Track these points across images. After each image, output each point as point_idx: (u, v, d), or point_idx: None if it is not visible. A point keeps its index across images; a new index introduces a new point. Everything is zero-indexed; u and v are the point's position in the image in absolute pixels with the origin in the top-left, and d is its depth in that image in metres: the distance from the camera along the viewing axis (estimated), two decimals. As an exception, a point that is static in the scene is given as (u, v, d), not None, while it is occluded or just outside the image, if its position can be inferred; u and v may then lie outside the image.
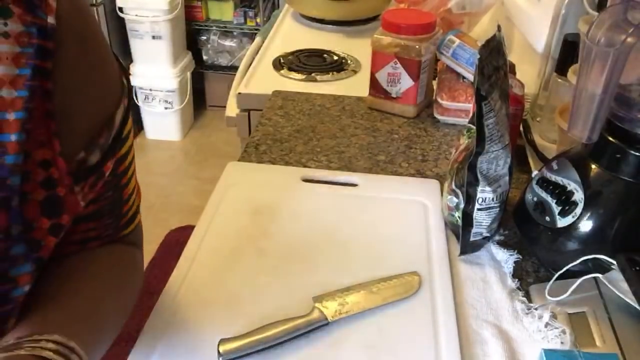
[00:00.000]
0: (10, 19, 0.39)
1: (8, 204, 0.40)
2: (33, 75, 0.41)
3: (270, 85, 1.20)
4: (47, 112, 0.42)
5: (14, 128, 0.40)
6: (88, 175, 0.47)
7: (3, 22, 0.39)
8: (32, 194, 0.42)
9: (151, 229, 2.35)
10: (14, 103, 0.40)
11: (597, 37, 0.58)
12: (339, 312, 0.62)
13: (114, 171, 0.51)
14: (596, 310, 0.61)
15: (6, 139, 0.40)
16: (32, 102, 0.41)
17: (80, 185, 0.46)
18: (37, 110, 0.41)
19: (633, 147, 0.61)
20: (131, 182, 0.56)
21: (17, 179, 0.40)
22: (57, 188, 0.43)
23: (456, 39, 1.03)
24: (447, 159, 0.95)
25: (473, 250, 0.74)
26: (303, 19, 1.64)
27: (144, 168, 2.74)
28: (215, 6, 2.96)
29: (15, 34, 0.40)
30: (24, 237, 0.42)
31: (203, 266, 0.69)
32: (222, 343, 0.58)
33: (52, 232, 0.44)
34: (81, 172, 0.46)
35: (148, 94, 2.83)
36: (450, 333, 0.61)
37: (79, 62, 0.45)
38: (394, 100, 1.07)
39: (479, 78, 0.62)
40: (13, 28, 0.39)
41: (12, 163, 0.40)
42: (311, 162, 0.93)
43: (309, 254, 0.72)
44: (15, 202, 0.40)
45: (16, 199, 0.40)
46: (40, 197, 0.42)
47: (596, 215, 0.64)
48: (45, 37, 0.41)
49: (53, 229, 0.44)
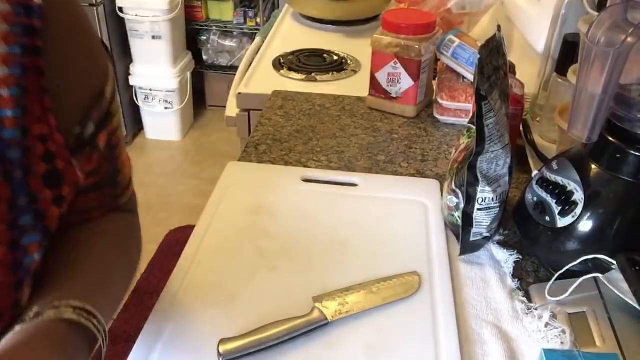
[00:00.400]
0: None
1: (10, 176, 0.42)
2: (24, 53, 0.42)
3: (270, 85, 1.20)
4: (41, 88, 0.44)
5: (9, 104, 0.41)
6: (84, 147, 0.49)
7: None
8: (34, 167, 0.44)
9: (151, 229, 2.35)
10: (8, 80, 0.41)
11: (597, 37, 0.58)
12: (339, 312, 0.62)
13: (108, 143, 0.54)
14: (596, 310, 0.61)
15: (3, 115, 0.41)
16: (25, 79, 0.42)
17: (77, 157, 0.48)
18: (32, 86, 0.43)
19: (633, 147, 0.61)
20: (123, 153, 0.60)
21: (17, 153, 0.42)
22: (55, 161, 0.46)
23: (456, 39, 1.03)
24: (447, 159, 0.95)
25: (473, 250, 0.74)
26: (303, 19, 1.64)
27: (144, 168, 2.74)
28: (215, 6, 2.96)
29: (3, 13, 0.41)
30: (30, 208, 0.44)
31: (203, 266, 0.69)
32: (222, 343, 0.58)
33: (56, 203, 0.46)
34: (77, 145, 0.49)
35: (148, 94, 2.83)
36: (450, 333, 0.61)
37: (67, 39, 0.47)
38: (394, 100, 1.07)
39: (479, 78, 0.62)
40: (2, 8, 0.41)
41: (10, 137, 0.42)
42: (311, 162, 0.93)
43: (309, 254, 0.72)
44: (18, 175, 0.43)
45: (19, 172, 0.43)
46: (41, 170, 0.44)
47: (596, 215, 0.64)
48: (31, 16, 0.42)
49: (56, 200, 0.46)
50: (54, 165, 0.45)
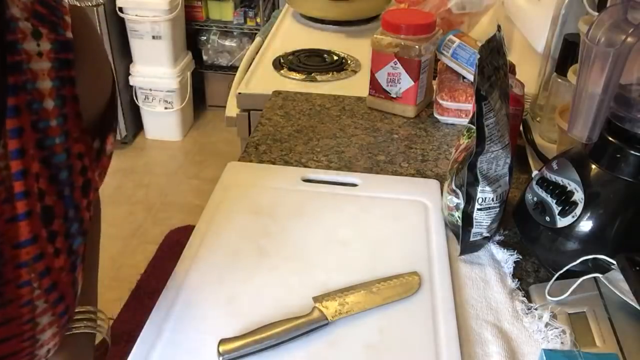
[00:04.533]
0: (41, 39, 0.45)
1: (62, 195, 0.49)
2: (62, 85, 0.47)
3: (270, 85, 1.20)
4: (77, 114, 0.49)
5: (57, 132, 0.47)
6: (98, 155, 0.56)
7: (36, 43, 0.45)
8: (76, 182, 0.50)
9: (151, 229, 2.35)
10: (55, 112, 0.47)
11: (597, 37, 0.58)
12: (339, 312, 0.62)
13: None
14: (596, 310, 0.61)
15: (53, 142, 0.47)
16: (65, 108, 0.48)
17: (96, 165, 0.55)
18: (70, 113, 0.48)
19: (633, 147, 0.61)
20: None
21: (65, 174, 0.49)
22: (87, 173, 0.52)
23: (456, 39, 1.03)
24: (447, 159, 0.95)
25: (473, 250, 0.74)
26: (303, 19, 1.64)
27: (144, 168, 2.74)
28: (215, 6, 2.96)
29: (46, 51, 0.45)
30: (77, 217, 0.51)
31: (203, 266, 0.69)
32: (222, 343, 0.58)
33: (87, 209, 0.53)
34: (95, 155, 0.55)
35: (148, 94, 2.83)
36: (450, 333, 0.61)
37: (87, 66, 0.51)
38: (394, 100, 1.07)
39: (479, 78, 0.62)
40: (44, 47, 0.45)
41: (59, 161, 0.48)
42: (311, 162, 0.93)
43: (309, 254, 0.72)
44: (67, 192, 0.49)
45: (67, 189, 0.49)
46: (80, 183, 0.51)
47: (596, 215, 0.64)
48: (67, 50, 0.47)
49: (88, 206, 0.53)
50: (87, 176, 0.52)
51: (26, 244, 0.46)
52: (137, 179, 2.64)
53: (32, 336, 0.49)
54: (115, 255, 2.20)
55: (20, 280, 0.46)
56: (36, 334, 0.49)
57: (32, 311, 0.48)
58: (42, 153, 0.46)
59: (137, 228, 2.37)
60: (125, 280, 2.07)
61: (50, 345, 0.52)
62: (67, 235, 0.50)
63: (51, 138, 0.47)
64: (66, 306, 0.52)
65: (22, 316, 0.48)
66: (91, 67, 0.53)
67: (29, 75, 0.44)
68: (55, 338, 0.52)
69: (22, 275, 0.46)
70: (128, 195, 2.54)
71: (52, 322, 0.50)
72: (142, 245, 2.27)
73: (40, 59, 0.45)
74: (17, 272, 0.46)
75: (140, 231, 2.35)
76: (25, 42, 0.44)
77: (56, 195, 0.48)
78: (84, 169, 0.51)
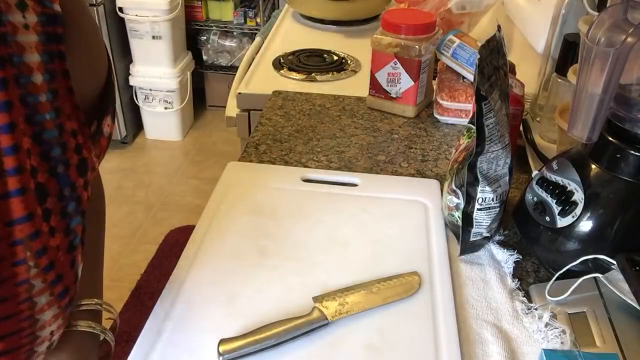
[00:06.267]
0: (26, 11, 0.44)
1: (55, 172, 0.48)
2: (51, 59, 0.46)
3: (270, 85, 1.20)
4: (69, 89, 0.48)
5: (47, 107, 0.46)
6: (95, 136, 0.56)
7: (22, 15, 0.43)
8: (71, 159, 0.49)
9: (151, 229, 2.36)
10: (44, 86, 0.46)
11: (597, 37, 0.58)
12: (339, 312, 0.62)
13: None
14: (596, 310, 0.61)
15: (43, 118, 0.46)
16: (55, 82, 0.47)
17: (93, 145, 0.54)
18: (61, 88, 0.47)
19: (633, 147, 0.61)
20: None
21: (57, 150, 0.48)
22: (83, 151, 0.51)
23: (456, 39, 1.03)
24: (447, 159, 0.95)
25: (473, 250, 0.74)
26: (303, 19, 1.64)
27: (144, 168, 2.74)
28: (215, 6, 2.96)
29: (33, 24, 0.44)
30: (73, 196, 0.50)
31: (203, 266, 0.69)
32: (222, 343, 0.58)
33: (85, 188, 0.52)
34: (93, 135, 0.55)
35: (148, 94, 2.83)
36: (450, 333, 0.61)
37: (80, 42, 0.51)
38: (394, 100, 1.07)
39: (479, 78, 0.62)
40: (31, 19, 0.44)
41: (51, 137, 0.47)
42: (311, 162, 0.93)
43: (309, 254, 0.72)
44: (61, 169, 0.49)
45: (61, 166, 0.49)
46: (75, 162, 0.50)
47: (596, 215, 0.64)
48: (54, 24, 0.46)
49: (85, 186, 0.52)
50: (82, 155, 0.51)
51: (20, 222, 0.45)
52: (137, 179, 2.64)
53: (31, 316, 0.49)
54: (115, 255, 2.20)
55: (15, 259, 0.46)
56: (35, 314, 0.49)
57: (28, 290, 0.48)
58: (32, 129, 0.45)
59: (137, 228, 2.37)
60: (125, 280, 2.07)
61: (54, 327, 0.52)
62: (63, 214, 0.50)
63: (41, 114, 0.46)
64: (65, 287, 0.51)
65: (19, 295, 0.47)
66: (85, 46, 0.52)
67: (14, 48, 0.43)
68: (58, 320, 0.52)
69: (17, 254, 0.46)
70: (128, 195, 2.54)
71: (51, 302, 0.50)
72: (142, 245, 2.27)
73: (27, 32, 0.44)
74: (11, 250, 0.46)
75: (140, 231, 2.35)
76: (10, 14, 0.43)
77: (48, 173, 0.47)
78: (79, 147, 0.50)
